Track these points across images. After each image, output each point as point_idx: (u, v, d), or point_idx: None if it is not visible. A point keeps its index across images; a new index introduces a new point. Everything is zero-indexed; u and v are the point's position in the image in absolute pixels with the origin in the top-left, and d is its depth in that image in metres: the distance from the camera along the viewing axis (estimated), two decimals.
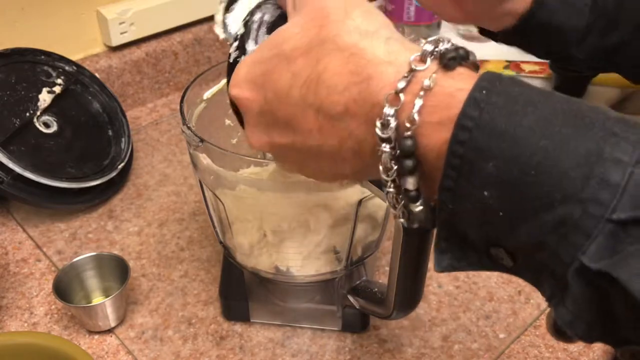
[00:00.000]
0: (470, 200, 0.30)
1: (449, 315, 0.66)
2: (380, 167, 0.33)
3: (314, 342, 0.64)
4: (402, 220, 0.35)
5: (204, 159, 0.54)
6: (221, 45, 1.03)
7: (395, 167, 0.32)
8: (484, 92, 0.30)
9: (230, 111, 0.43)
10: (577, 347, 0.63)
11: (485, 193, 0.30)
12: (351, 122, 0.33)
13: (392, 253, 0.49)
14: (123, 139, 0.84)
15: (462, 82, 0.31)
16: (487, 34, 0.61)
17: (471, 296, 0.68)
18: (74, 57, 0.87)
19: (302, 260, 0.58)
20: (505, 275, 0.70)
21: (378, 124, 0.32)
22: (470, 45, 0.36)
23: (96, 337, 0.64)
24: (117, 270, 0.66)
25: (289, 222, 0.55)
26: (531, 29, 0.57)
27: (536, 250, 0.30)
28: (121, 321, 0.65)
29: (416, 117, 0.31)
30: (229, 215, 0.57)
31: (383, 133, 0.32)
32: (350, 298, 0.60)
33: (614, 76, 0.87)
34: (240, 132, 0.65)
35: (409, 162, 0.32)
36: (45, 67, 0.82)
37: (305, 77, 0.34)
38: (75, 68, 0.84)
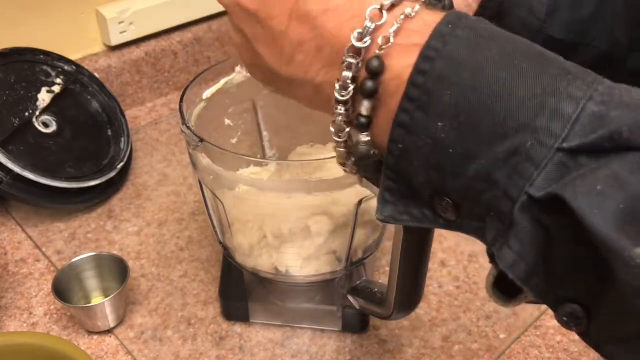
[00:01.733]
0: (424, 135, 0.30)
1: (449, 315, 0.66)
2: (337, 84, 0.33)
3: (314, 342, 0.64)
4: (341, 149, 0.35)
5: (204, 159, 0.54)
6: (221, 45, 1.03)
7: (353, 87, 0.32)
8: (449, 26, 0.30)
9: (231, 110, 0.43)
10: (577, 347, 0.63)
11: (439, 124, 0.30)
12: (328, 21, 0.33)
13: (393, 253, 0.49)
14: (122, 139, 0.84)
15: (439, 18, 0.31)
16: None
17: (472, 296, 0.68)
18: (74, 57, 0.87)
19: (302, 262, 0.58)
20: None
21: (355, 33, 0.31)
22: None
23: (95, 337, 0.64)
24: (117, 271, 0.65)
25: (289, 226, 0.55)
26: (498, 6, 0.57)
27: (483, 191, 0.30)
28: (121, 321, 0.65)
29: (392, 38, 0.31)
30: (229, 216, 0.57)
31: (357, 43, 0.31)
32: (351, 298, 0.60)
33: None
34: (240, 132, 0.65)
35: (370, 84, 0.31)
36: (45, 67, 0.82)
37: None
38: (74, 68, 0.84)
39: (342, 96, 0.33)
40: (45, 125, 0.79)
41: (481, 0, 0.56)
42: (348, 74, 0.32)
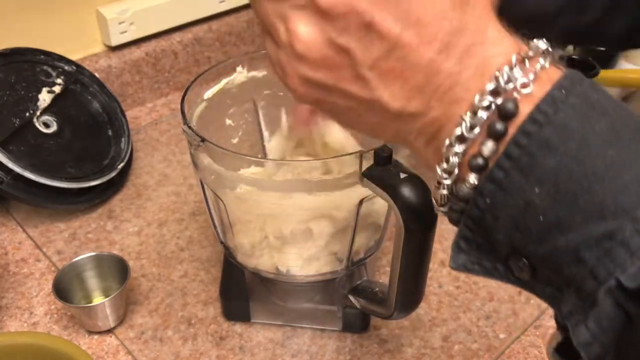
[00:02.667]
0: (516, 197, 0.29)
1: (449, 315, 0.66)
2: (465, 121, 0.31)
3: (314, 342, 0.64)
4: (443, 191, 0.33)
5: (205, 159, 0.54)
6: (221, 45, 1.03)
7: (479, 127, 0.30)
8: (563, 91, 0.29)
9: (232, 110, 0.43)
10: None
11: (537, 189, 0.29)
12: (461, 69, 0.31)
13: (394, 253, 0.49)
14: (123, 139, 0.84)
15: (558, 77, 0.30)
16: None
17: (471, 296, 0.68)
18: (74, 57, 0.87)
19: (303, 262, 0.58)
20: None
21: (504, 73, 0.30)
22: None
23: (96, 337, 0.64)
24: (117, 271, 0.65)
25: (290, 228, 0.55)
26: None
27: (567, 265, 0.29)
28: (121, 321, 0.65)
29: (531, 85, 0.29)
30: (230, 216, 0.57)
31: (497, 84, 0.30)
32: (351, 298, 0.60)
33: (614, 76, 0.87)
34: (240, 131, 0.65)
35: (499, 126, 0.30)
36: (45, 67, 0.82)
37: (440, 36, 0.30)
38: (74, 68, 0.84)
39: (469, 134, 0.31)
40: (46, 125, 0.79)
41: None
42: (484, 113, 0.30)
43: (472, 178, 0.31)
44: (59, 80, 0.82)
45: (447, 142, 0.31)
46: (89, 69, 0.87)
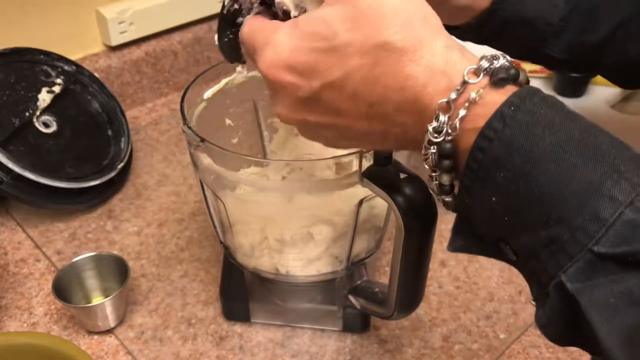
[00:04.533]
0: (481, 201, 0.34)
1: (449, 315, 0.66)
2: (427, 165, 0.36)
3: (314, 342, 0.64)
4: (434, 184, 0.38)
5: (205, 159, 0.54)
6: None
7: (434, 166, 0.36)
8: (511, 108, 0.32)
9: (232, 110, 0.43)
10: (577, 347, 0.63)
11: (493, 199, 0.33)
12: (402, 117, 0.36)
13: (393, 253, 0.49)
14: (122, 139, 0.84)
15: (503, 97, 0.33)
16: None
17: (472, 296, 0.68)
18: (74, 57, 0.87)
19: (303, 263, 0.58)
20: (506, 275, 0.70)
21: (430, 128, 0.34)
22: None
23: (96, 337, 0.64)
24: (117, 271, 0.65)
25: (291, 234, 0.55)
26: (497, 24, 0.57)
27: (531, 258, 0.33)
28: (121, 321, 0.65)
29: (458, 125, 0.34)
30: (230, 217, 0.57)
31: (434, 137, 0.34)
32: (351, 298, 0.60)
33: None
34: (240, 131, 0.65)
35: (446, 162, 0.35)
36: (45, 67, 0.82)
37: (361, 76, 0.35)
38: (74, 68, 0.84)
39: (434, 171, 0.36)
40: (46, 125, 0.79)
41: (482, 19, 0.56)
42: (430, 162, 0.35)
43: (446, 197, 0.37)
44: (58, 80, 0.82)
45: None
46: (88, 68, 0.87)
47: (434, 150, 0.35)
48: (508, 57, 0.34)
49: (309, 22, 0.37)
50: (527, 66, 1.00)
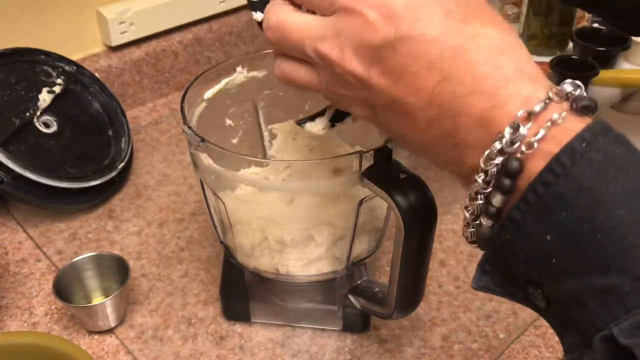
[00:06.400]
0: (530, 239, 0.31)
1: (449, 315, 0.66)
2: (480, 177, 0.33)
3: (314, 342, 0.64)
4: (470, 230, 0.35)
5: (205, 159, 0.54)
6: (221, 45, 1.03)
7: (493, 182, 0.32)
8: (584, 144, 0.30)
9: (232, 110, 0.43)
10: None
11: (548, 237, 0.30)
12: (467, 107, 0.32)
13: (393, 253, 0.49)
14: (123, 139, 0.84)
15: (583, 126, 0.31)
16: None
17: (471, 296, 0.68)
18: (74, 57, 0.87)
19: (304, 264, 0.58)
20: None
21: (507, 135, 0.31)
22: None
23: (96, 337, 0.64)
24: (117, 270, 0.65)
25: (292, 235, 0.55)
26: None
27: (573, 306, 0.31)
28: (121, 321, 0.65)
29: (535, 144, 0.31)
30: (230, 217, 0.57)
31: (502, 144, 0.31)
32: (351, 298, 0.60)
33: (614, 76, 0.87)
34: (241, 132, 0.65)
35: (507, 182, 0.32)
36: (45, 67, 0.82)
37: (453, 45, 0.32)
38: (75, 68, 0.84)
39: (483, 189, 0.33)
40: (46, 125, 0.79)
41: None
42: (486, 176, 0.32)
43: (488, 222, 0.33)
44: (59, 80, 0.82)
45: (470, 191, 0.34)
46: (89, 69, 0.87)
47: (498, 162, 0.31)
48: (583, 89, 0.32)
49: None
50: None
